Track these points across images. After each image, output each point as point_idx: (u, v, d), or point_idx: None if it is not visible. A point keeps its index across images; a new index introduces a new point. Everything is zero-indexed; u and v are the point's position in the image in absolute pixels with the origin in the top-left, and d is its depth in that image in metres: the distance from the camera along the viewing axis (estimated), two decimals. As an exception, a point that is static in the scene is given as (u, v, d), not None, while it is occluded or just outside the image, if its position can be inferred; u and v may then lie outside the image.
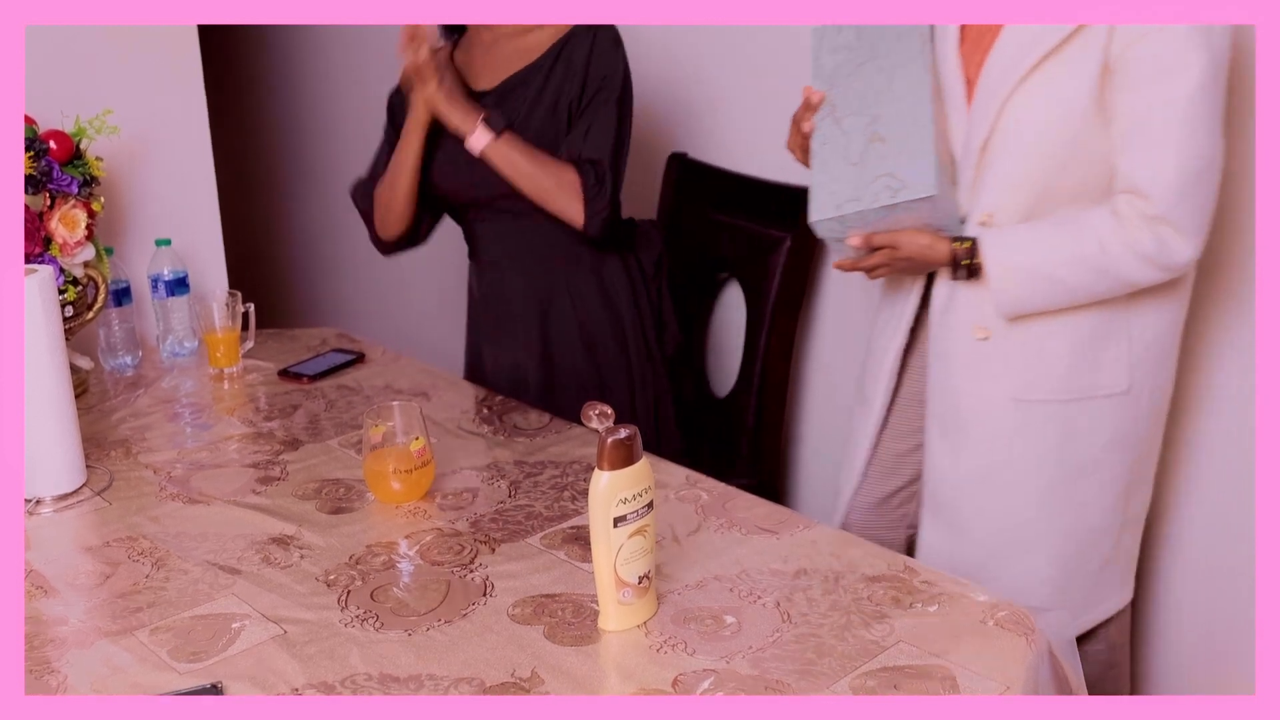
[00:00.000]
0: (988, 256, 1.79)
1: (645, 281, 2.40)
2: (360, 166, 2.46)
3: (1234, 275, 1.95)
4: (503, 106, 2.25)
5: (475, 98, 2.27)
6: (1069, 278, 1.77)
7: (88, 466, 1.87)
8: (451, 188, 2.32)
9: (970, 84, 1.82)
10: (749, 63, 2.57)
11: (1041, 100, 1.74)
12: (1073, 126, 1.74)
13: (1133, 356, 1.85)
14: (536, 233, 2.29)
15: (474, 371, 2.52)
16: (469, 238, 2.43)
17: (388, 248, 2.42)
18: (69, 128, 2.18)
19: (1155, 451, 1.96)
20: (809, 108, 1.90)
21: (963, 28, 1.85)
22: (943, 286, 1.89)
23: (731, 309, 2.68)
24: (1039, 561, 1.90)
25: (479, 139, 2.17)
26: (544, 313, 2.34)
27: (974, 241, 1.81)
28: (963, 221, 1.84)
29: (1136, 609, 2.13)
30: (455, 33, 2.37)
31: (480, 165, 2.21)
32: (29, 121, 2.13)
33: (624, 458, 1.38)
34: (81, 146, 2.18)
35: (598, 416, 1.38)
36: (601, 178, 2.19)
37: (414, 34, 2.15)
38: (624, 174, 2.26)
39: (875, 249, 1.84)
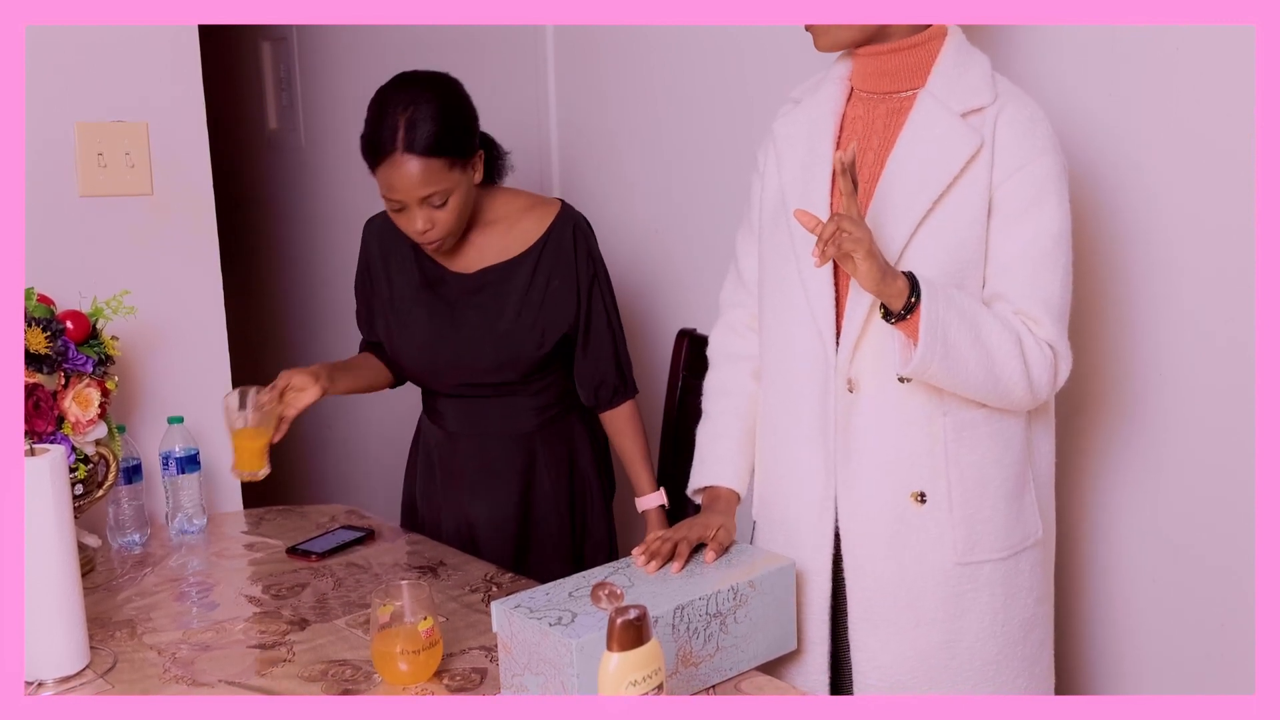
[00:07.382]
0: (927, 290, 1.64)
1: (605, 450, 2.49)
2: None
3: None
4: (479, 296, 2.29)
5: (444, 279, 2.32)
6: (991, 348, 1.67)
7: (92, 648, 1.84)
8: (420, 376, 2.40)
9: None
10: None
11: (939, 238, 1.72)
12: (972, 259, 1.73)
13: (1040, 501, 1.85)
14: (504, 408, 2.35)
15: (409, 519, 2.55)
16: (429, 400, 2.46)
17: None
18: (86, 308, 2.21)
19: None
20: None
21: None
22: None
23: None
24: None
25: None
26: (514, 476, 2.38)
27: (914, 277, 1.66)
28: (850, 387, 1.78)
29: (1133, 607, 2.11)
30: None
31: (454, 363, 2.30)
32: (46, 301, 2.16)
33: (634, 639, 1.36)
34: (98, 326, 2.21)
35: (606, 597, 1.37)
36: (623, 382, 2.37)
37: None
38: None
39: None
